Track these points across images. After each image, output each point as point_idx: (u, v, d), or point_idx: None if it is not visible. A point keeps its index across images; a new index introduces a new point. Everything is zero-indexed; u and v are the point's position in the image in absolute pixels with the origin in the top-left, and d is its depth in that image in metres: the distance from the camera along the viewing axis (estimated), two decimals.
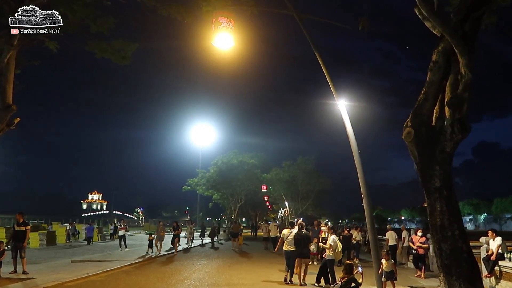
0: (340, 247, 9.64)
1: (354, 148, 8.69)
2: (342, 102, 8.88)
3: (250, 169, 45.48)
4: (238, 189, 46.72)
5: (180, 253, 17.52)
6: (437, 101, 5.55)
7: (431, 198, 5.38)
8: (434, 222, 5.02)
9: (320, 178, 52.86)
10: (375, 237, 8.22)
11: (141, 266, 12.14)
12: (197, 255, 16.92)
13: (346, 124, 8.77)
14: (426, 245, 11.19)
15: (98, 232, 28.87)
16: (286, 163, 53.63)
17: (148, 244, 16.17)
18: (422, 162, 5.79)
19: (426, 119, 5.61)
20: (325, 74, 8.80)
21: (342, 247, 10.08)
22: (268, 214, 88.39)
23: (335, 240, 9.06)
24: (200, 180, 46.27)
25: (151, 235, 16.76)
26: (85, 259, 13.70)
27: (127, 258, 13.99)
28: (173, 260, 14.00)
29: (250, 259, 14.80)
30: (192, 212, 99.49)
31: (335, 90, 8.83)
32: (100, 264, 11.97)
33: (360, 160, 8.61)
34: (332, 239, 9.11)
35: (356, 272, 6.35)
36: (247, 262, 13.68)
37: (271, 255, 16.72)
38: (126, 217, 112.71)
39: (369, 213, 8.32)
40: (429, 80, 5.45)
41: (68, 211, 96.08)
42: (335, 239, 9.35)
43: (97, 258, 14.14)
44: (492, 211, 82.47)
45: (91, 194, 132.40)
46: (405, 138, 5.69)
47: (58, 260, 13.51)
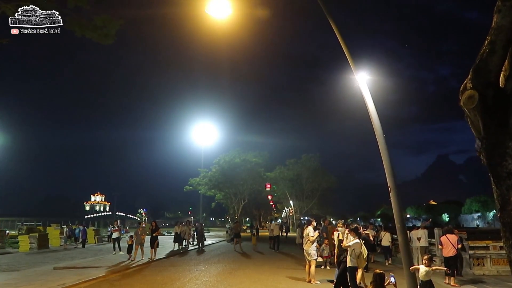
0: (365, 253, 8.09)
1: (378, 131, 7.16)
2: (362, 75, 7.35)
3: (253, 167, 44.19)
4: (241, 188, 45.49)
5: (175, 257, 15.88)
6: (507, 54, 3.97)
7: (502, 187, 3.77)
8: (507, 220, 3.48)
9: (325, 176, 51.45)
10: (406, 239, 6.70)
11: (128, 274, 10.67)
12: (195, 259, 15.40)
13: (368, 102, 7.24)
14: (460, 245, 9.66)
15: (95, 234, 27.66)
16: (290, 161, 52.32)
17: (127, 249, 14.18)
18: (489, 137, 4.12)
19: (494, 78, 4.02)
20: (341, 43, 7.28)
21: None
22: (272, 213, 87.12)
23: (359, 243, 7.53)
24: (202, 180, 45.04)
25: (131, 239, 14.57)
26: (70, 265, 12.26)
27: (116, 263, 12.56)
28: (166, 266, 12.44)
29: (255, 264, 13.23)
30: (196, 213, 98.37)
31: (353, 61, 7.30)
32: (83, 272, 10.53)
33: (385, 146, 7.08)
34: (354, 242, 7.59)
35: (388, 283, 4.90)
36: (251, 267, 12.12)
37: (277, 258, 15.24)
38: (129, 218, 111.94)
39: (397, 208, 6.79)
40: (497, 25, 3.89)
41: (71, 212, 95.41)
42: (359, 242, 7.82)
43: (85, 263, 12.72)
44: None
45: (93, 196, 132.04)
46: (464, 105, 4.08)
47: (41, 267, 12.13)
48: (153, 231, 14.91)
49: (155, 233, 14.82)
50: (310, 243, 8.56)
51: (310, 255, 8.52)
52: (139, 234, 14.19)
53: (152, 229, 15.02)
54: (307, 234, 8.68)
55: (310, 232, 8.73)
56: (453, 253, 9.49)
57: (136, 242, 14.00)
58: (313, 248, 8.63)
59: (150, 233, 14.96)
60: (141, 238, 14.21)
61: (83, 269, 11.29)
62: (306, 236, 8.71)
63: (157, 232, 14.98)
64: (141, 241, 14.17)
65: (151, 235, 14.74)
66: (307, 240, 8.64)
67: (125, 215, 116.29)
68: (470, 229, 45.07)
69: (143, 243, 14.37)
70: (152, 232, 14.84)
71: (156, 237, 14.63)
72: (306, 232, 8.76)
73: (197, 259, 15.34)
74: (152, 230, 14.97)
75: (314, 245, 8.65)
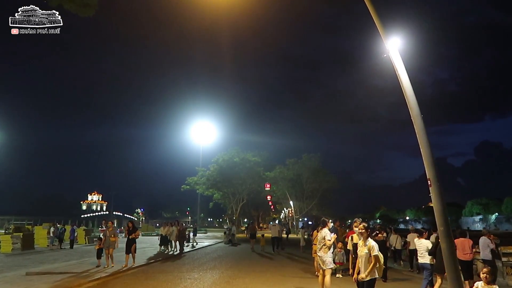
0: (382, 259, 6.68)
1: (414, 110, 5.73)
2: (393, 42, 5.91)
3: (252, 166, 42.88)
4: (239, 188, 44.14)
5: (167, 262, 14.21)
6: None
7: None
8: None
9: (326, 176, 50.03)
10: (451, 246, 5.25)
11: (107, 282, 9.18)
12: (189, 263, 13.91)
13: (400, 74, 5.80)
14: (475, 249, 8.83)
15: (86, 234, 26.18)
16: (290, 160, 50.92)
17: (97, 255, 11.78)
18: None
19: None
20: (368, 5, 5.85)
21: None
22: (270, 214, 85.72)
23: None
24: (200, 179, 43.71)
25: (99, 242, 11.87)
26: (46, 270, 10.74)
27: (99, 269, 11.06)
28: (154, 273, 10.90)
29: (255, 270, 11.61)
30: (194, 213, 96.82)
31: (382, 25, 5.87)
32: (57, 278, 9.06)
33: (423, 129, 5.65)
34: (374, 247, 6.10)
35: None
36: (251, 274, 10.53)
37: (280, 263, 13.77)
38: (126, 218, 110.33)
39: (440, 207, 5.36)
40: None
41: (68, 212, 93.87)
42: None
43: (64, 268, 11.20)
44: (502, 211, 79.18)
45: (90, 195, 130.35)
46: None
47: (13, 272, 10.64)
48: (130, 232, 12.36)
49: (132, 235, 12.26)
50: (327, 248, 7.09)
51: (325, 263, 7.05)
52: (108, 236, 11.64)
53: (129, 230, 12.47)
54: (322, 237, 7.21)
55: (327, 235, 7.23)
56: (470, 257, 8.67)
57: (105, 245, 11.60)
58: (329, 255, 7.16)
59: (127, 235, 12.52)
60: (112, 241, 11.61)
61: (59, 275, 9.81)
62: (320, 239, 7.24)
63: (135, 234, 12.42)
64: (110, 244, 11.57)
65: (127, 238, 12.35)
66: (321, 244, 7.17)
67: (122, 214, 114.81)
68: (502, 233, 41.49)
69: (114, 247, 11.79)
70: (129, 234, 12.32)
71: (133, 240, 12.21)
72: (321, 235, 7.28)
73: (190, 264, 13.81)
74: (129, 232, 12.43)
75: (330, 251, 7.18)
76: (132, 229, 12.39)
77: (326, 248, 7.08)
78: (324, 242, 7.12)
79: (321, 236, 7.23)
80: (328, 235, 7.22)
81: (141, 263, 12.96)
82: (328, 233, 7.29)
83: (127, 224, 12.87)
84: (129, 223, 12.84)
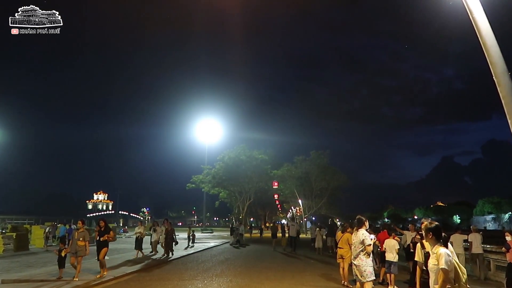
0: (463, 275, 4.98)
1: (499, 67, 4.12)
2: None
3: (259, 164, 41.57)
4: (246, 187, 42.84)
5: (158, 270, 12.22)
6: None
7: None
8: None
9: (335, 174, 48.39)
10: None
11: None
12: (192, 268, 12.38)
13: (477, 18, 4.21)
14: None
15: None
16: (298, 158, 49.48)
17: (58, 262, 9.10)
18: None
19: None
20: None
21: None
22: (277, 213, 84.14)
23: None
24: (205, 177, 42.44)
25: (63, 247, 9.37)
26: (25, 277, 9.22)
27: (87, 276, 9.51)
28: (149, 280, 9.44)
29: (269, 278, 9.74)
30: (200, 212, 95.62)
31: None
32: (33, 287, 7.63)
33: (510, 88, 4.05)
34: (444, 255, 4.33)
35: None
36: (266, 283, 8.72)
37: (297, 268, 12.19)
38: (132, 217, 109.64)
39: None
40: None
41: (74, 211, 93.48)
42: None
43: (47, 274, 9.67)
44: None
45: (96, 194, 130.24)
46: None
47: None
48: (101, 233, 9.61)
49: (104, 237, 9.58)
50: (368, 255, 5.52)
51: (365, 274, 5.46)
52: (76, 239, 9.01)
53: (100, 230, 9.68)
54: (360, 241, 5.63)
55: (366, 238, 5.70)
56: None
57: (71, 251, 8.99)
58: (369, 263, 5.60)
59: (97, 237, 9.81)
60: (80, 246, 8.96)
61: (39, 283, 8.36)
62: (357, 244, 5.67)
63: (107, 236, 9.62)
64: (78, 249, 8.93)
65: (97, 240, 9.72)
66: (358, 250, 5.60)
67: (128, 214, 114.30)
68: None
69: (85, 254, 9.13)
70: (100, 236, 9.60)
71: (105, 243, 9.59)
72: (358, 238, 5.69)
73: (194, 269, 12.25)
74: (100, 233, 9.64)
75: (370, 259, 5.58)
76: (104, 229, 9.67)
77: (367, 255, 5.50)
78: (362, 247, 5.53)
79: (357, 239, 5.65)
80: (368, 238, 5.63)
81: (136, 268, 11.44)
82: (367, 235, 5.69)
83: (98, 223, 9.94)
84: (101, 221, 9.94)
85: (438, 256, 3.52)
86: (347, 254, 8.34)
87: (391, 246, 8.26)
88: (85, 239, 9.04)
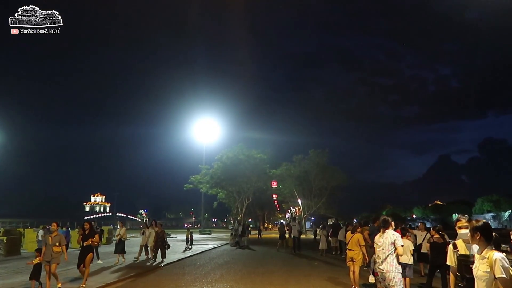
0: None
1: None
2: None
3: (258, 163, 40.94)
4: (245, 187, 42.22)
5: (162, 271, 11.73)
6: None
7: None
8: None
9: (335, 173, 47.93)
10: None
11: None
12: (189, 272, 11.72)
13: None
14: None
15: None
16: (297, 157, 48.95)
17: (31, 273, 7.91)
18: None
19: None
20: None
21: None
22: (276, 214, 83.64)
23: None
24: (203, 178, 41.81)
25: (37, 256, 8.07)
26: (5, 285, 8.58)
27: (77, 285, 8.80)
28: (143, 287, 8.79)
29: (273, 282, 9.13)
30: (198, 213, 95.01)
31: None
32: None
33: None
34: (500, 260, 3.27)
35: None
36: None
37: (302, 272, 11.53)
38: (129, 219, 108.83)
39: None
40: None
41: (71, 213, 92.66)
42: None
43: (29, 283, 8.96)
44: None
45: (93, 196, 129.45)
46: None
47: None
48: (85, 237, 8.61)
49: (87, 242, 8.54)
50: (397, 258, 4.79)
51: (394, 281, 4.78)
52: (50, 245, 7.89)
53: (84, 234, 8.68)
54: (391, 242, 4.91)
55: (397, 239, 4.96)
56: None
57: (45, 258, 7.86)
58: (399, 269, 4.89)
59: (80, 241, 8.93)
60: (55, 252, 7.87)
61: None
62: (386, 246, 4.87)
63: (91, 240, 8.56)
64: (52, 256, 7.82)
65: (81, 244, 8.76)
66: (387, 254, 4.85)
67: (125, 215, 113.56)
68: None
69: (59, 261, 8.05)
70: (83, 240, 8.62)
71: (89, 248, 8.57)
72: (387, 239, 4.99)
73: (192, 273, 11.59)
74: (83, 236, 8.65)
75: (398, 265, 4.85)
76: (88, 232, 8.63)
77: (395, 259, 4.79)
78: (391, 249, 4.82)
79: (387, 240, 4.86)
80: (399, 239, 4.95)
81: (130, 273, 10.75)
82: (398, 236, 5.01)
83: (83, 226, 8.92)
84: (86, 224, 8.89)
85: (491, 262, 2.86)
86: (358, 256, 7.71)
87: (405, 247, 7.62)
88: (61, 244, 7.96)
